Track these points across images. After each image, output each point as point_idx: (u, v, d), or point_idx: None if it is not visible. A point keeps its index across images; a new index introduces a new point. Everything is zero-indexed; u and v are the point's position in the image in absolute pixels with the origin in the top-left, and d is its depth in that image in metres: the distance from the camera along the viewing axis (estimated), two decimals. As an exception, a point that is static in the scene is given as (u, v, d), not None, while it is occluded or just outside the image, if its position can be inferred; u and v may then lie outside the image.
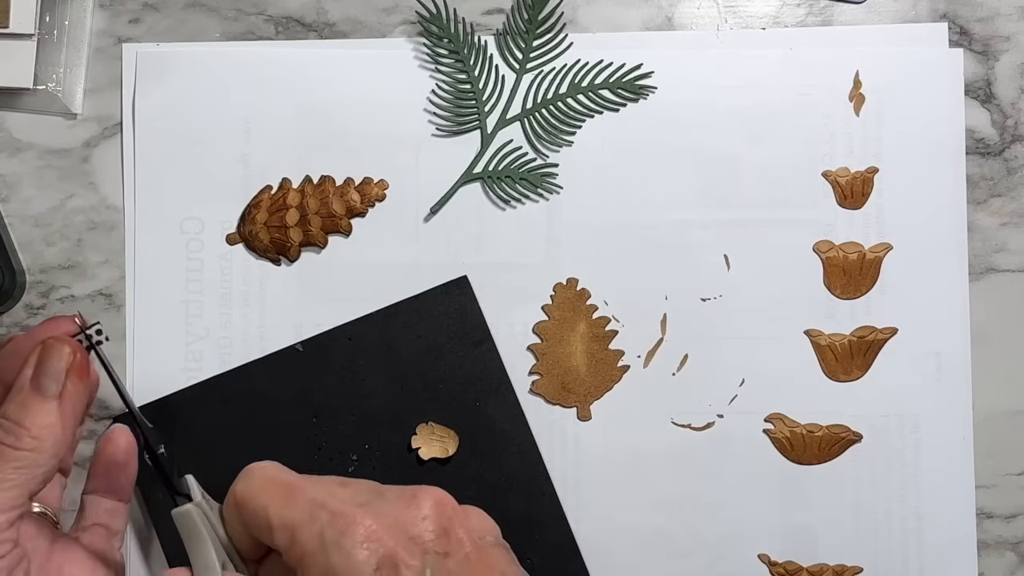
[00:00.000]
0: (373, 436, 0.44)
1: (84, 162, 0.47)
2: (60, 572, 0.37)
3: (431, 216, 0.47)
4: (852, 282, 0.46)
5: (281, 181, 0.47)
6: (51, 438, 0.36)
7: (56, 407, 0.37)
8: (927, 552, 0.46)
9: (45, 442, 0.36)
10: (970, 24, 0.47)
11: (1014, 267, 0.47)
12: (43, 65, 0.46)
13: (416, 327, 0.46)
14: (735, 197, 0.47)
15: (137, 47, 0.47)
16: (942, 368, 0.46)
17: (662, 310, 0.47)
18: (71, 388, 0.37)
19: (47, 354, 0.37)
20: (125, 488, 0.41)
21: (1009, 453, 0.47)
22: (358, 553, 0.33)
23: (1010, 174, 0.47)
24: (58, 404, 0.37)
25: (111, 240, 0.47)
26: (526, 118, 0.47)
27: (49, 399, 0.37)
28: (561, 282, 0.47)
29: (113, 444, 0.41)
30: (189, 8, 0.48)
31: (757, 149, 0.47)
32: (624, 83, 0.47)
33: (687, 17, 0.47)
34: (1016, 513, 0.46)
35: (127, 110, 0.47)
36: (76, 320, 0.39)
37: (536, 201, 0.47)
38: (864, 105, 0.47)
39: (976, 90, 0.47)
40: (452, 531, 0.35)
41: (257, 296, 0.47)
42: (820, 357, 0.46)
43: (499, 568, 0.35)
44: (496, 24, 0.47)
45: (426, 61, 0.47)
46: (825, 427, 0.46)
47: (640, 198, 0.47)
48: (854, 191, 0.47)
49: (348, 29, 0.47)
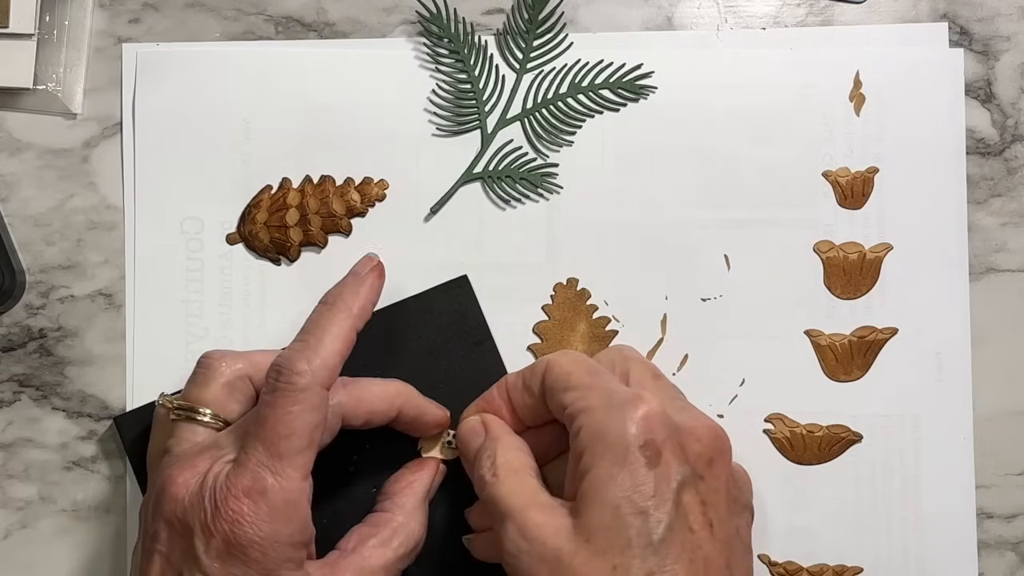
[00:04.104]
0: (374, 436, 0.44)
1: (84, 162, 0.47)
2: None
3: (431, 216, 0.47)
4: (852, 282, 0.46)
5: (281, 181, 0.47)
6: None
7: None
8: (927, 552, 0.46)
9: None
10: (970, 24, 0.47)
11: (1014, 267, 0.47)
12: (43, 65, 0.46)
13: (416, 327, 0.46)
14: (735, 197, 0.47)
15: (137, 47, 0.47)
16: (942, 368, 0.46)
17: (662, 310, 0.47)
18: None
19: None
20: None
21: (1009, 453, 0.46)
22: (632, 425, 0.36)
23: (1010, 174, 0.47)
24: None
25: (111, 240, 0.47)
26: (526, 118, 0.47)
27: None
28: (561, 282, 0.47)
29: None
30: (189, 8, 0.48)
31: (757, 149, 0.47)
32: (624, 83, 0.47)
33: (687, 17, 0.47)
34: (1016, 513, 0.46)
35: (127, 110, 0.47)
36: None
37: (536, 201, 0.47)
38: (864, 105, 0.47)
39: (976, 90, 0.47)
40: (716, 466, 0.37)
41: (257, 296, 0.47)
42: (820, 357, 0.46)
43: (741, 536, 0.38)
44: (496, 24, 0.47)
45: (426, 61, 0.47)
46: (825, 427, 0.46)
47: (640, 198, 0.47)
48: (854, 191, 0.47)
49: (348, 29, 0.47)
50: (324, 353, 0.37)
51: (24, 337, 0.47)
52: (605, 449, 0.36)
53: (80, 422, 0.46)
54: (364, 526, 0.41)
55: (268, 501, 0.35)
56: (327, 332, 0.38)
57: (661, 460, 0.35)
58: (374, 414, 0.41)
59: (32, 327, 0.47)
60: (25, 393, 0.47)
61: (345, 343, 0.38)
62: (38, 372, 0.47)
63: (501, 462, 0.38)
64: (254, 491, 0.35)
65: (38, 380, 0.47)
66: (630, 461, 0.35)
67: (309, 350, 0.37)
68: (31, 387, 0.47)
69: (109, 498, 0.46)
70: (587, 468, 0.36)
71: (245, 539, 0.35)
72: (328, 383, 0.37)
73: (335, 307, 0.39)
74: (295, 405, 0.36)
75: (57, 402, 0.47)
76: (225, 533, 0.35)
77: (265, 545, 0.35)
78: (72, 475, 0.46)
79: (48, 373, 0.47)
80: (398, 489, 0.42)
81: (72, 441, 0.46)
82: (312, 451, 0.37)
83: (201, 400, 0.39)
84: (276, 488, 0.35)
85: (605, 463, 0.35)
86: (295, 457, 0.36)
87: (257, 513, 0.35)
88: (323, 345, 0.37)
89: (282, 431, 0.36)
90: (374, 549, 0.40)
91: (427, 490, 0.43)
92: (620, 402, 0.36)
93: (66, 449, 0.46)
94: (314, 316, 0.39)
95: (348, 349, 0.38)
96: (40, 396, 0.47)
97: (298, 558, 0.36)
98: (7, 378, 0.47)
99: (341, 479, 0.44)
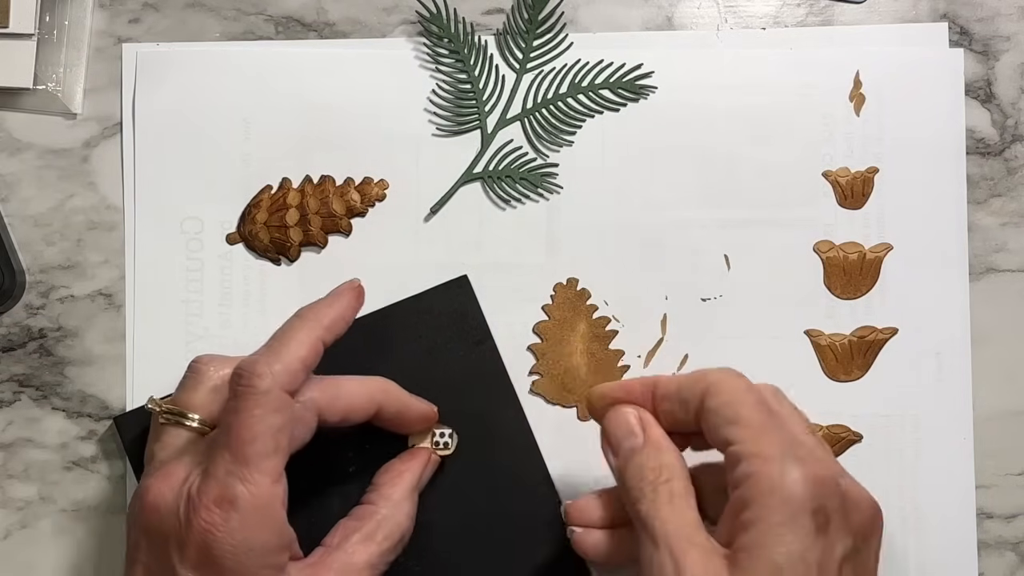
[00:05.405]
0: (372, 436, 0.44)
1: (84, 162, 0.47)
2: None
3: (431, 216, 0.47)
4: (852, 282, 0.46)
5: (281, 181, 0.47)
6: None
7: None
8: (927, 552, 0.46)
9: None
10: (970, 24, 0.47)
11: (1014, 267, 0.47)
12: (43, 65, 0.46)
13: (416, 327, 0.46)
14: (735, 197, 0.47)
15: (137, 47, 0.47)
16: (942, 368, 0.46)
17: (662, 310, 0.47)
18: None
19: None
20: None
21: (1009, 453, 0.46)
22: (807, 487, 0.33)
23: (1010, 174, 0.47)
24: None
25: (111, 240, 0.47)
26: (526, 118, 0.47)
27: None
28: (561, 282, 0.47)
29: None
30: (189, 8, 0.48)
31: (757, 149, 0.47)
32: (624, 83, 0.47)
33: (687, 17, 0.47)
34: (1016, 513, 0.46)
35: (127, 110, 0.47)
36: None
37: (536, 201, 0.47)
38: (864, 105, 0.47)
39: (976, 90, 0.47)
40: (871, 541, 0.36)
41: (257, 296, 0.47)
42: (820, 357, 0.46)
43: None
44: (496, 24, 0.47)
45: (426, 61, 0.47)
46: (825, 427, 0.46)
47: (640, 198, 0.47)
48: (854, 191, 0.47)
49: (348, 29, 0.47)
50: (287, 358, 0.37)
51: (24, 337, 0.47)
52: (776, 506, 0.33)
53: (80, 422, 0.46)
54: (350, 520, 0.41)
55: (239, 510, 0.35)
56: (292, 339, 0.38)
57: (829, 528, 0.34)
58: (352, 410, 0.40)
59: (32, 327, 0.47)
60: (25, 393, 0.47)
61: (310, 350, 0.38)
62: (38, 372, 0.47)
63: (664, 480, 0.36)
64: (224, 500, 0.35)
65: (38, 380, 0.47)
66: (801, 524, 0.33)
67: (271, 355, 0.37)
68: (31, 387, 0.47)
69: (109, 498, 0.46)
70: (752, 520, 0.34)
71: (219, 550, 0.34)
72: (290, 386, 0.37)
73: (304, 317, 0.39)
74: (257, 409, 0.35)
75: (57, 402, 0.47)
76: (199, 544, 0.35)
77: (239, 554, 0.35)
78: (72, 475, 0.46)
79: (48, 373, 0.47)
80: (386, 480, 0.42)
81: (72, 441, 0.46)
82: (280, 455, 0.36)
83: (189, 405, 0.39)
84: (246, 496, 0.35)
85: (773, 520, 0.33)
86: (262, 462, 0.35)
87: (228, 523, 0.34)
88: (287, 350, 0.37)
89: (246, 436, 0.35)
90: (358, 544, 0.39)
91: (416, 481, 0.42)
92: (796, 457, 0.34)
93: (66, 449, 0.46)
94: (283, 325, 0.39)
95: (314, 357, 0.38)
96: (40, 396, 0.47)
97: (276, 563, 0.36)
98: (7, 378, 0.47)
99: (340, 479, 0.44)
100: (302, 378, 0.37)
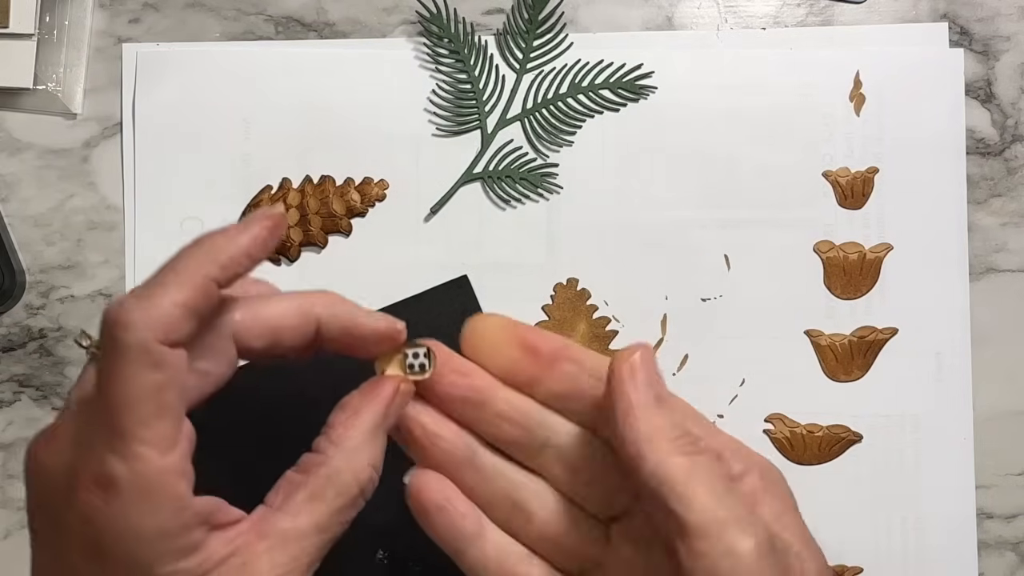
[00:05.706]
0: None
1: (84, 162, 0.47)
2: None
3: (431, 216, 0.47)
4: (852, 282, 0.46)
5: (281, 181, 0.47)
6: None
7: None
8: (927, 552, 0.46)
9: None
10: (970, 24, 0.47)
11: (1014, 267, 0.47)
12: (43, 65, 0.47)
13: (416, 327, 0.46)
14: (735, 197, 0.47)
15: (137, 47, 0.47)
16: (942, 368, 0.46)
17: (662, 310, 0.47)
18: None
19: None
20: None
21: (1009, 453, 0.46)
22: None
23: (1010, 174, 0.47)
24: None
25: (111, 240, 0.47)
26: (526, 118, 0.47)
27: None
28: (561, 282, 0.47)
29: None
30: (189, 8, 0.48)
31: (757, 149, 0.47)
32: (624, 83, 0.47)
33: (687, 17, 0.47)
34: (1016, 513, 0.46)
35: (127, 110, 0.47)
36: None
37: (536, 201, 0.47)
38: (864, 105, 0.47)
39: (976, 90, 0.47)
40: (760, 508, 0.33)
41: (257, 296, 0.47)
42: (820, 357, 0.46)
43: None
44: (496, 24, 0.47)
45: (426, 61, 0.47)
46: (825, 427, 0.46)
47: (640, 198, 0.47)
48: (854, 191, 0.47)
49: (348, 29, 0.47)
50: (162, 301, 0.28)
51: (24, 337, 0.47)
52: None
53: (80, 422, 0.46)
54: (296, 471, 0.33)
55: (120, 492, 0.28)
56: (174, 277, 0.29)
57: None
58: (280, 330, 0.32)
59: (32, 327, 0.47)
60: (25, 393, 0.47)
61: (194, 292, 0.29)
62: (38, 372, 0.47)
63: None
64: (102, 480, 0.28)
65: (38, 380, 0.47)
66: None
67: (143, 298, 0.29)
68: (31, 387, 0.47)
69: (109, 498, 0.46)
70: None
71: (105, 538, 0.28)
72: (167, 336, 0.28)
73: (197, 247, 0.31)
74: (127, 367, 0.28)
75: (57, 402, 0.47)
76: (81, 530, 0.28)
77: (127, 542, 0.28)
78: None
79: (48, 373, 0.47)
80: (339, 420, 0.33)
81: (72, 441, 0.46)
82: (169, 418, 0.28)
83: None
84: (126, 475, 0.28)
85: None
86: (142, 431, 0.28)
87: (110, 507, 0.28)
88: (164, 292, 0.29)
89: (118, 402, 0.28)
90: (304, 504, 0.31)
91: (380, 418, 0.33)
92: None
93: (66, 449, 0.46)
94: (171, 257, 0.31)
95: (201, 299, 0.30)
96: (40, 396, 0.47)
97: (181, 546, 0.29)
98: (7, 378, 0.47)
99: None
100: (186, 327, 0.29)
